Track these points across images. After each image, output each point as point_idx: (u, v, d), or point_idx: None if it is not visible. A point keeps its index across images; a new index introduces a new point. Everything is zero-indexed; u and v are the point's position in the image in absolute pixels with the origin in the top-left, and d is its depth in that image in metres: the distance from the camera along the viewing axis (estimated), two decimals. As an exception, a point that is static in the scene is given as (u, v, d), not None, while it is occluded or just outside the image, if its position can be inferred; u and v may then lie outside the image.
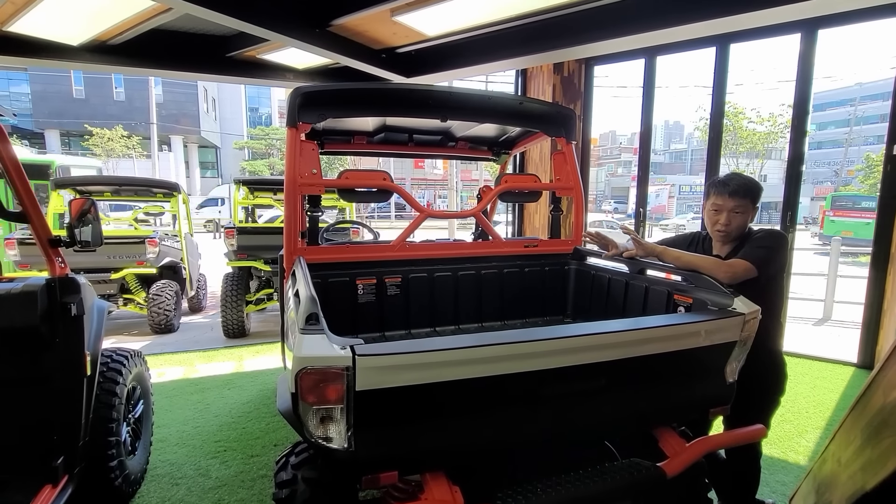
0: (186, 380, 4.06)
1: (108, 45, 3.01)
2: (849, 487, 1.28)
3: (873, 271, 4.36)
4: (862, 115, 37.73)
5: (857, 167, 27.17)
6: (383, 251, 2.31)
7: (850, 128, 36.44)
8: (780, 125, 18.09)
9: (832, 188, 32.56)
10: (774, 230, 1.90)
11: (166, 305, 5.51)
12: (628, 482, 1.36)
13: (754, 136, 19.27)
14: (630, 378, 1.43)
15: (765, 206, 31.20)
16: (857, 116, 36.66)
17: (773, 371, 1.90)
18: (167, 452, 2.90)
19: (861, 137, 38.89)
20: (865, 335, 4.40)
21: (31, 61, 3.00)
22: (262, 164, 33.38)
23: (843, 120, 37.57)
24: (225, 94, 36.29)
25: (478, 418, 1.28)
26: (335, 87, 2.33)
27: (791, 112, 4.74)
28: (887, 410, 1.06)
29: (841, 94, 40.42)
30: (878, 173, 20.86)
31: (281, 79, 3.69)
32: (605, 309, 2.29)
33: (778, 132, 18.64)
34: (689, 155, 47.59)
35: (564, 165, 2.60)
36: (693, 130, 36.21)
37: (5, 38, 2.81)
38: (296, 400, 1.16)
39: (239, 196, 6.12)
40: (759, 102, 74.02)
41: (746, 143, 19.82)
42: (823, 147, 43.98)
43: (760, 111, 21.53)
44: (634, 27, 2.98)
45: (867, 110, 38.95)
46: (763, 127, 18.84)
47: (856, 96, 37.14)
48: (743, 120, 19.76)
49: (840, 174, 34.83)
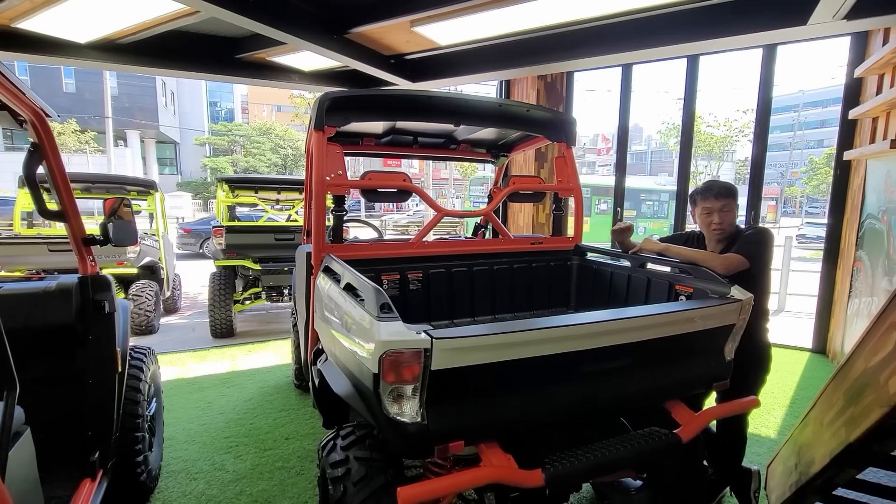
0: (183, 379, 4.03)
1: (117, 45, 2.97)
2: (832, 443, 1.53)
3: (825, 266, 4.83)
4: (804, 120, 40.47)
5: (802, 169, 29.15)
6: (404, 248, 2.44)
7: (794, 132, 39.01)
8: (735, 130, 19.34)
9: (779, 189, 34.80)
10: (762, 228, 2.17)
11: (147, 306, 5.39)
12: (651, 447, 1.57)
13: (711, 139, 20.50)
14: (651, 357, 1.63)
15: (719, 206, 32.80)
16: (800, 122, 39.27)
17: (760, 352, 2.17)
18: (178, 450, 2.92)
19: (803, 141, 41.73)
20: (819, 323, 4.88)
21: (33, 58, 2.91)
22: (224, 161, 32.33)
23: (787, 125, 40.15)
24: (184, 87, 34.87)
25: (529, 393, 1.44)
26: (362, 93, 2.44)
27: (745, 117, 5.17)
28: (869, 373, 1.30)
29: (785, 100, 43.15)
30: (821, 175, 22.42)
31: (287, 80, 3.72)
32: (608, 300, 2.51)
33: (733, 137, 19.92)
34: (649, 156, 49.62)
35: (565, 168, 2.81)
36: (654, 133, 37.81)
37: (8, 34, 2.73)
38: (377, 380, 1.29)
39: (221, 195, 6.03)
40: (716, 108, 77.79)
41: (704, 146, 21.03)
42: (770, 150, 46.77)
43: (717, 116, 22.93)
44: (612, 47, 3.22)
45: (809, 116, 41.83)
46: (720, 131, 20.08)
47: (798, 103, 39.77)
48: (701, 124, 20.90)
49: (785, 176, 37.25)
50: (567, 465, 1.43)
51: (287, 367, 4.34)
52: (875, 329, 1.31)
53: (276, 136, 32.84)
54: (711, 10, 2.74)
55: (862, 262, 4.19)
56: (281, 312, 6.75)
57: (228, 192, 6.02)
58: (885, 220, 3.72)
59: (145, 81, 27.89)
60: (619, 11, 3.05)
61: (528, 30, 3.20)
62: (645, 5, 2.99)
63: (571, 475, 1.42)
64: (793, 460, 2.04)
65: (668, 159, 43.92)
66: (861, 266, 4.20)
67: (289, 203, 6.85)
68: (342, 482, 1.55)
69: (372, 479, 1.53)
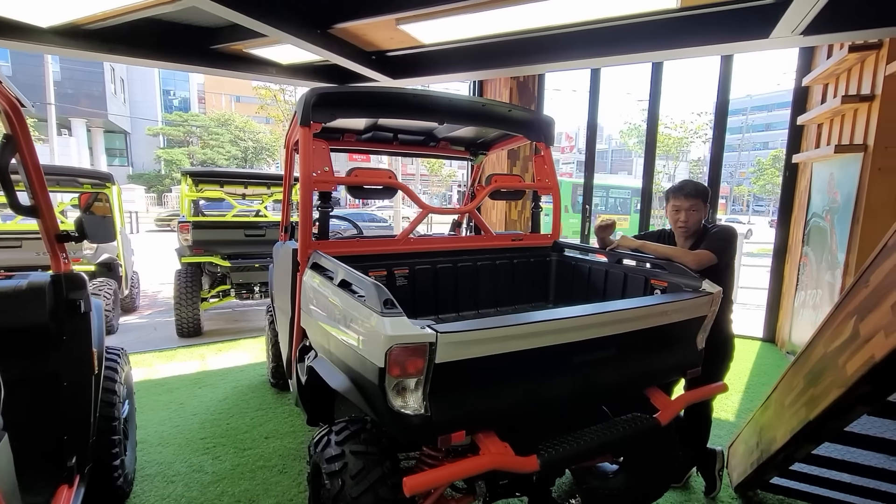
0: (150, 380, 3.88)
1: (84, 30, 2.78)
2: (793, 422, 1.69)
3: (775, 261, 5.20)
4: (751, 123, 42.90)
5: (750, 170, 30.94)
6: (390, 245, 2.47)
7: (742, 135, 41.30)
8: (690, 131, 20.34)
9: (728, 188, 36.81)
10: (727, 226, 2.33)
11: (105, 305, 5.14)
12: (635, 430, 1.68)
13: (669, 140, 21.48)
14: (634, 347, 1.74)
15: (675, 204, 34.38)
16: (747, 125, 41.61)
17: (725, 341, 2.34)
18: (151, 453, 2.83)
19: (750, 143, 44.24)
20: (769, 314, 5.25)
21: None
22: (180, 153, 30.92)
23: (736, 127, 42.42)
24: (135, 74, 33.01)
25: (525, 384, 1.51)
26: (349, 89, 2.43)
27: (699, 119, 5.46)
28: (828, 358, 1.45)
29: (734, 104, 45.51)
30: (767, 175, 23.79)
31: (264, 73, 3.61)
32: (587, 295, 2.62)
33: (689, 138, 20.94)
34: (610, 155, 51.24)
35: (544, 167, 2.90)
36: (614, 133, 39.06)
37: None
38: (382, 374, 1.32)
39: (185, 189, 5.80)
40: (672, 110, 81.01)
41: (662, 147, 21.98)
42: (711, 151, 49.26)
43: (674, 118, 24.02)
44: (582, 52, 3.34)
45: (755, 119, 44.38)
46: (677, 133, 21.05)
47: (747, 107, 42.11)
48: (660, 126, 21.78)
49: (734, 175, 39.44)
50: (560, 451, 1.51)
51: (261, 365, 4.26)
52: (833, 318, 1.46)
53: (236, 128, 31.69)
54: (678, 22, 2.90)
55: (808, 258, 4.54)
56: (249, 310, 6.59)
57: (192, 186, 5.80)
58: (829, 218, 4.05)
59: (92, 67, 26.17)
60: (589, 20, 3.17)
61: (505, 33, 3.27)
62: (613, 15, 3.12)
63: (565, 459, 1.50)
64: (754, 440, 2.22)
65: (628, 158, 45.52)
66: (807, 261, 4.56)
67: (256, 198, 6.68)
68: (339, 476, 1.57)
69: (369, 471, 1.56)
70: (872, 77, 3.49)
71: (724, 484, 2.56)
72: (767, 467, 2.07)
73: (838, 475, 2.14)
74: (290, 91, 22.83)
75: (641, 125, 27.69)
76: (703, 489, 2.54)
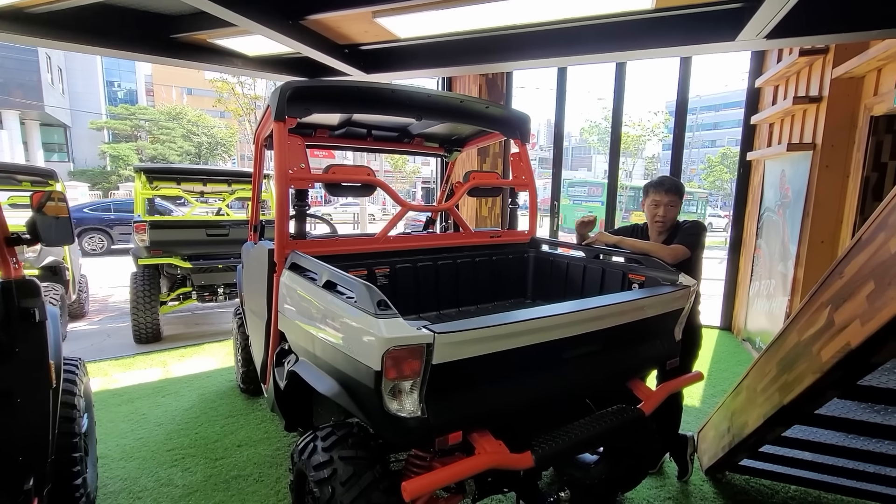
0: (107, 391, 3.64)
1: (27, 14, 2.51)
2: (766, 407, 1.78)
3: (731, 253, 5.48)
4: (701, 122, 45.07)
5: (701, 166, 32.53)
6: (370, 244, 2.41)
7: (693, 133, 43.32)
8: (647, 129, 21.16)
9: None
10: (698, 221, 2.43)
11: (52, 312, 4.78)
12: (621, 421, 1.72)
13: (628, 138, 22.25)
14: (620, 340, 1.78)
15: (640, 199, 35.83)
16: (697, 124, 43.68)
17: (695, 331, 2.44)
18: (114, 468, 2.66)
19: (699, 141, 46.48)
20: (725, 304, 5.53)
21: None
22: (127, 148, 29.17)
23: (687, 126, 44.40)
24: (75, 64, 30.80)
25: (519, 381, 1.52)
26: (326, 83, 2.34)
27: (655, 118, 5.67)
28: (802, 345, 1.53)
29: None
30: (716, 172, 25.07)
31: (228, 65, 3.40)
32: (565, 290, 2.67)
33: (645, 136, 21.77)
34: (570, 152, 52.51)
35: (520, 164, 2.92)
36: (574, 130, 40.05)
37: None
38: (378, 377, 1.28)
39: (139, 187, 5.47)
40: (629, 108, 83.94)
41: (621, 144, 22.68)
42: (671, 149, 51.62)
43: (631, 116, 24.90)
44: (550, 52, 3.38)
45: (704, 119, 46.65)
46: (634, 131, 21.83)
47: (696, 106, 44.19)
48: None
49: (686, 172, 41.34)
50: (553, 446, 1.52)
51: (229, 370, 4.09)
52: (807, 308, 1.54)
53: (189, 122, 30.23)
54: (648, 23, 2.98)
55: (761, 250, 4.81)
56: (210, 313, 6.31)
57: (146, 184, 5.47)
58: (781, 213, 4.30)
59: (25, 54, 24.18)
60: (559, 19, 3.21)
61: (478, 29, 3.26)
62: (583, 14, 3.18)
63: (558, 454, 1.52)
64: (725, 424, 2.32)
65: (587, 155, 46.80)
66: (760, 253, 4.83)
67: (217, 196, 6.39)
68: (329, 483, 1.52)
69: (360, 477, 1.52)
70: (820, 80, 3.73)
71: (694, 468, 2.67)
72: (738, 450, 2.18)
73: (801, 454, 2.29)
74: (248, 84, 21.98)
75: (602, 123, 28.53)
76: (676, 474, 2.65)
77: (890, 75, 3.14)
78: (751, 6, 2.24)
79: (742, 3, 2.42)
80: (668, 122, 27.38)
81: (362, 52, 3.36)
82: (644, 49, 2.97)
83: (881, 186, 3.35)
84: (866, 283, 1.21)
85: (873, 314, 1.16)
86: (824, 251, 3.72)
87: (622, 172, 26.64)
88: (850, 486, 2.29)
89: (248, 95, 22.62)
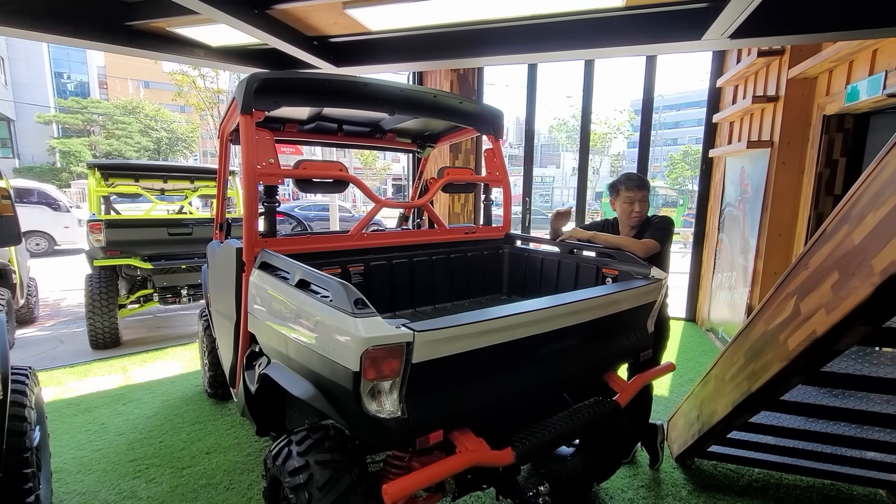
0: (61, 401, 3.43)
1: None
2: (734, 394, 1.84)
3: (694, 247, 5.68)
4: (663, 121, 46.60)
5: (664, 164, 33.65)
6: (343, 241, 2.35)
7: (655, 132, 44.78)
8: (613, 127, 21.70)
9: (645, 181, 39.63)
10: (666, 216, 2.49)
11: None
12: (599, 413, 1.74)
13: (594, 135, 22.81)
14: (596, 333, 1.80)
15: (601, 195, 36.73)
16: (659, 122, 45.14)
17: (664, 322, 2.50)
18: (70, 483, 2.51)
19: (662, 139, 48.06)
20: (690, 296, 5.73)
21: None
22: (80, 144, 27.64)
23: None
24: (18, 53, 28.92)
25: (499, 377, 1.51)
26: (296, 75, 2.25)
27: (620, 116, 5.79)
28: (769, 334, 1.59)
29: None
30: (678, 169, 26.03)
31: (190, 56, 3.21)
32: (540, 286, 2.68)
33: (611, 134, 22.34)
34: (539, 150, 53.32)
35: (494, 160, 2.92)
36: (542, 128, 40.60)
37: None
38: (357, 378, 1.24)
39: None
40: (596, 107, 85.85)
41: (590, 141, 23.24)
42: (636, 146, 53.30)
43: (598, 114, 25.50)
44: (520, 48, 3.40)
45: (666, 118, 48.23)
46: (601, 128, 22.36)
47: (659, 106, 45.64)
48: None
49: (649, 169, 42.66)
50: (534, 441, 1.53)
51: (195, 375, 3.93)
52: (773, 298, 1.60)
53: (147, 117, 28.90)
54: (616, 20, 3.03)
55: (723, 243, 5.00)
56: (173, 315, 6.05)
57: (101, 181, 5.18)
58: (741, 207, 4.48)
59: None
60: (529, 15, 3.23)
61: (450, 24, 3.24)
62: (553, 11, 3.20)
63: (538, 449, 1.52)
64: (694, 413, 2.40)
65: (556, 153, 47.58)
66: (722, 246, 5.02)
67: (178, 193, 6.12)
68: (305, 489, 1.48)
69: (337, 481, 1.48)
70: (777, 80, 3.89)
71: (665, 455, 2.75)
72: (707, 437, 2.25)
73: (764, 438, 2.39)
74: (210, 77, 21.16)
75: (570, 120, 29.01)
76: (647, 462, 2.72)
77: (840, 76, 3.30)
78: (716, 6, 2.31)
79: (708, 3, 2.50)
80: (632, 121, 28.16)
81: (332, 44, 3.26)
82: (613, 46, 3.02)
83: (833, 182, 3.54)
84: (831, 274, 1.26)
85: (838, 303, 1.22)
86: (782, 244, 3.90)
87: (590, 170, 27.28)
88: (808, 466, 2.41)
89: (211, 89, 21.80)
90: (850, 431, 2.07)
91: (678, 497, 2.43)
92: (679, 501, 2.39)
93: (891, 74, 2.72)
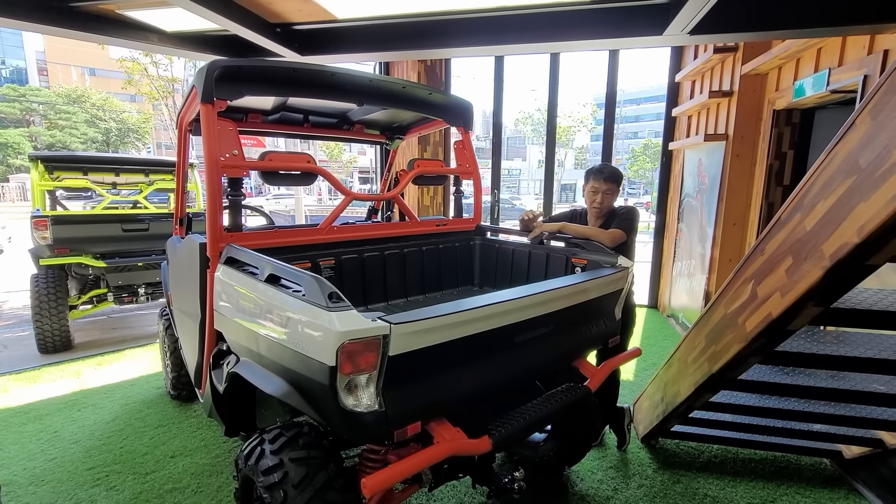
0: (8, 409, 3.22)
1: None
2: (696, 375, 1.94)
3: (655, 237, 5.89)
4: (624, 115, 47.95)
5: (626, 156, 34.69)
6: (313, 235, 2.30)
7: (617, 125, 46.05)
8: (577, 121, 22.20)
9: (607, 173, 40.74)
10: (632, 207, 2.56)
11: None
12: (571, 399, 1.79)
13: (559, 129, 23.26)
14: (566, 322, 1.84)
15: (565, 187, 37.51)
16: (621, 116, 46.45)
17: (630, 309, 2.59)
18: (21, 495, 2.36)
19: (623, 133, 49.47)
20: (651, 283, 5.95)
21: None
22: (18, 134, 25.79)
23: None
24: (-55, 35, 26.59)
25: (473, 367, 1.52)
26: (259, 62, 2.17)
27: (584, 110, 5.92)
28: (728, 317, 1.67)
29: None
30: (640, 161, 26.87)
31: (142, 41, 3.00)
32: (511, 276, 2.72)
33: (575, 127, 22.84)
34: (506, 142, 53.79)
35: (464, 152, 2.92)
36: (508, 121, 40.96)
37: None
38: (333, 373, 1.22)
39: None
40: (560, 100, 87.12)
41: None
42: (599, 139, 54.68)
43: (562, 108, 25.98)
44: (487, 39, 3.40)
45: (627, 112, 49.65)
46: (566, 122, 22.79)
47: (620, 100, 46.92)
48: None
49: (612, 162, 43.89)
50: (509, 428, 1.55)
51: (156, 376, 3.77)
52: (732, 283, 1.69)
53: (93, 106, 27.24)
54: (580, 14, 3.08)
55: (682, 233, 5.22)
56: (130, 316, 5.77)
57: (45, 174, 4.85)
58: (699, 198, 4.68)
59: None
60: (495, 6, 3.23)
61: (417, 13, 3.20)
62: (518, 3, 3.22)
63: (514, 436, 1.55)
64: (658, 395, 2.50)
65: (522, 146, 48.13)
66: (681, 236, 5.23)
67: (132, 187, 5.81)
68: (280, 488, 1.45)
69: (313, 477, 1.46)
70: (731, 75, 4.07)
71: (631, 437, 2.87)
72: (671, 417, 2.36)
73: (722, 416, 2.53)
74: (164, 64, 20.12)
75: (535, 114, 29.35)
76: (615, 444, 2.82)
77: (789, 73, 3.49)
78: (676, 3, 2.39)
79: (669, 0, 2.58)
80: (595, 114, 28.78)
81: (296, 32, 3.16)
82: (579, 40, 3.06)
83: (782, 173, 3.74)
84: (785, 259, 1.34)
85: (791, 286, 1.30)
86: (736, 232, 4.10)
87: (555, 162, 27.77)
88: (762, 440, 2.57)
89: (164, 77, 20.75)
90: (798, 406, 2.22)
91: (644, 476, 2.53)
92: (645, 480, 2.50)
93: (834, 72, 2.90)
